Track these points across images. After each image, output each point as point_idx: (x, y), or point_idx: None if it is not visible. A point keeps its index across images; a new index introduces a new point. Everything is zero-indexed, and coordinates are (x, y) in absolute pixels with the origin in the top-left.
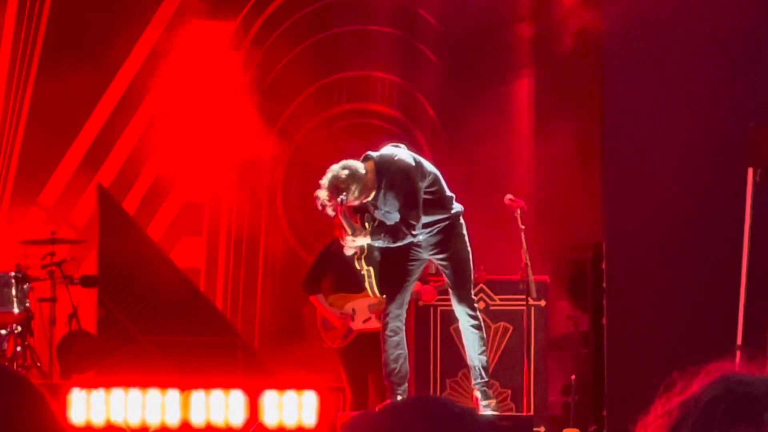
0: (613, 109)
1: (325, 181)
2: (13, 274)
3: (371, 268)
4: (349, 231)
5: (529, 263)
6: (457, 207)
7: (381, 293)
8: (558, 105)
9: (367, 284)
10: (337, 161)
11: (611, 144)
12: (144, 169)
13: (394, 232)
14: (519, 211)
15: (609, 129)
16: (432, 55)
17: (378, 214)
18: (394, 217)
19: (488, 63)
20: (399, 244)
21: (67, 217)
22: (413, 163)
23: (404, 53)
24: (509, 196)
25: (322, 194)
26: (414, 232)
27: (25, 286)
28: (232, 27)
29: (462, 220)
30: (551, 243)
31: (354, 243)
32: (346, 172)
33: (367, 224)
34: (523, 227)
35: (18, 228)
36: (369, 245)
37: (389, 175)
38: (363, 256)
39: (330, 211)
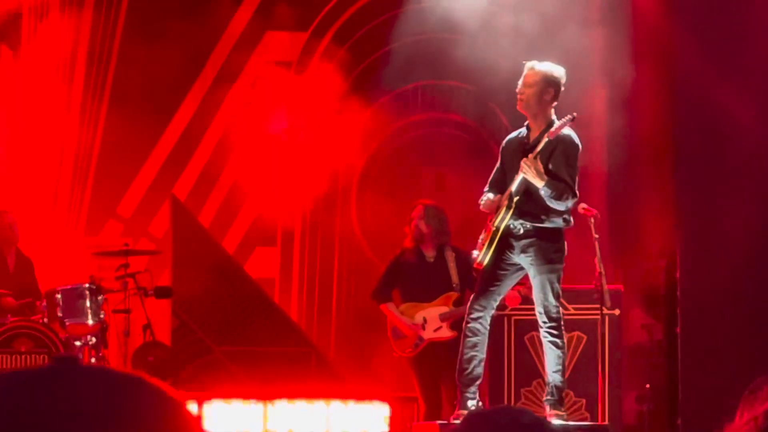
0: (686, 115)
1: (536, 63)
2: (87, 285)
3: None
4: (536, 150)
5: (603, 272)
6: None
7: (473, 290)
8: (629, 112)
9: (485, 246)
10: (412, 170)
11: (684, 151)
12: (219, 179)
13: (561, 190)
14: (593, 220)
15: (681, 135)
16: (504, 62)
17: (525, 165)
18: (539, 179)
19: None
20: (556, 204)
21: (146, 228)
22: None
23: (477, 61)
24: (583, 205)
25: (530, 68)
26: (569, 204)
27: (99, 298)
28: (305, 37)
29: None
30: (625, 252)
31: (528, 167)
32: (562, 72)
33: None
34: (597, 236)
35: (96, 240)
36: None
37: (566, 137)
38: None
39: (526, 97)
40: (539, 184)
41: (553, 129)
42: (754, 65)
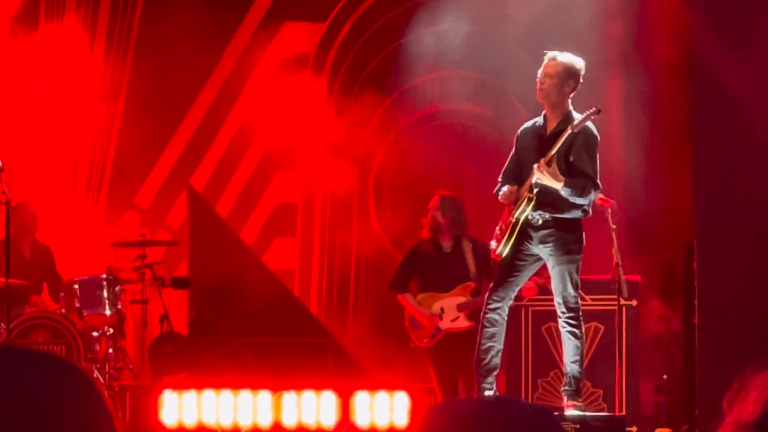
0: (703, 104)
1: (558, 54)
2: (104, 276)
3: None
4: (551, 153)
5: (620, 263)
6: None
7: (490, 280)
8: (647, 103)
9: (504, 238)
10: (430, 161)
11: (701, 142)
12: (238, 170)
13: (582, 186)
14: (610, 211)
15: (699, 127)
16: (521, 53)
17: (538, 172)
18: (555, 181)
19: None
20: (579, 201)
21: (163, 219)
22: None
23: (493, 52)
24: (600, 196)
25: (552, 58)
26: (592, 197)
27: (116, 289)
28: (323, 28)
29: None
30: (642, 242)
31: (542, 173)
32: (582, 63)
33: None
34: (614, 226)
35: (114, 231)
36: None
37: (585, 128)
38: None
39: (547, 87)
40: (557, 186)
41: (576, 122)
42: None
